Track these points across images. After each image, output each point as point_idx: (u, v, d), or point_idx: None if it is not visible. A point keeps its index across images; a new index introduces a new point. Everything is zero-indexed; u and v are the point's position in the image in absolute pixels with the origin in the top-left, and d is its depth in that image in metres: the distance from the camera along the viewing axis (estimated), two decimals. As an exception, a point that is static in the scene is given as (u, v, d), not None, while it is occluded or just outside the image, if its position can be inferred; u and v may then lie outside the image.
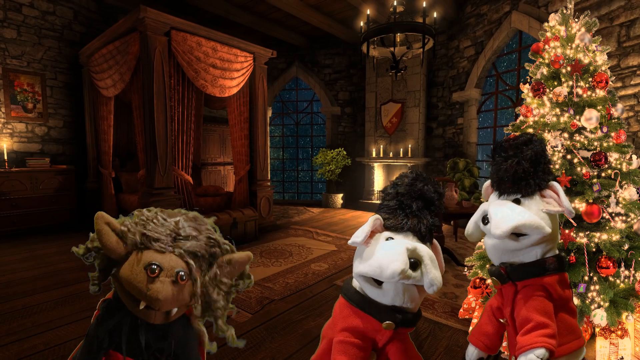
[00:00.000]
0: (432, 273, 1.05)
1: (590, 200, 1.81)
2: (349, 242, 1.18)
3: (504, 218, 1.24)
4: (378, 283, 1.12)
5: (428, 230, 1.15)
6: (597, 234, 1.81)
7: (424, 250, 1.08)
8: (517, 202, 1.32)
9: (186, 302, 1.07)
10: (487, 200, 1.54)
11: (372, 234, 1.20)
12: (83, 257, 1.08)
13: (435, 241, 1.23)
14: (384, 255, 1.07)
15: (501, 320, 1.39)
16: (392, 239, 1.14)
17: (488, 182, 1.55)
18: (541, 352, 1.16)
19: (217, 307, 1.10)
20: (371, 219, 1.18)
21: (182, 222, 1.07)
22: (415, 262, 1.05)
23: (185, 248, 1.02)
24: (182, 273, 0.99)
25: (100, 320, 1.05)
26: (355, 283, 1.22)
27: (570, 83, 1.94)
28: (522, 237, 1.29)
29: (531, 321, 1.23)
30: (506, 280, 1.33)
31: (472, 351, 1.45)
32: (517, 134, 2.12)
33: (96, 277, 1.11)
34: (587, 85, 1.92)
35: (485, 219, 1.33)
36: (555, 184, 1.34)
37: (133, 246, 1.00)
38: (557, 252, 1.37)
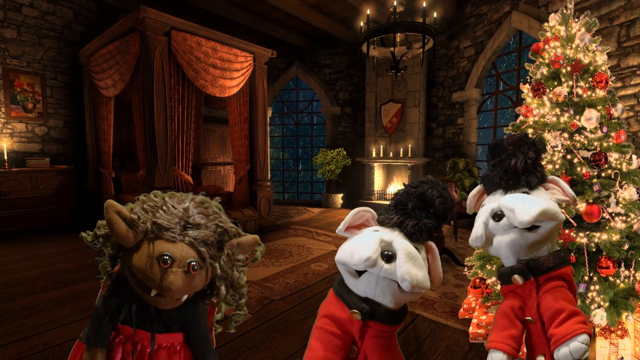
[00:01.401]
0: (404, 267, 1.02)
1: (590, 200, 1.81)
2: (336, 230, 1.22)
3: (529, 204, 1.24)
4: (359, 274, 1.12)
5: (417, 230, 1.12)
6: (597, 234, 1.81)
7: (401, 245, 1.06)
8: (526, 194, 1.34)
9: (198, 289, 1.08)
10: (475, 210, 1.52)
11: (362, 226, 1.22)
12: (91, 244, 1.09)
13: (432, 244, 1.19)
14: (357, 243, 1.09)
15: (527, 319, 1.35)
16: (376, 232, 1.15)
17: (476, 189, 1.54)
18: (584, 337, 1.16)
19: (240, 285, 1.14)
20: (353, 211, 1.20)
21: (192, 209, 1.07)
22: (391, 255, 1.05)
23: (195, 237, 1.02)
24: (194, 263, 1.00)
25: (109, 293, 1.07)
26: None
27: (570, 83, 1.94)
28: (535, 228, 1.29)
29: (564, 311, 1.23)
30: (529, 277, 1.33)
31: (500, 357, 1.34)
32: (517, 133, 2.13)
33: (108, 265, 1.11)
34: (587, 85, 1.92)
35: (496, 216, 1.32)
36: (554, 177, 1.39)
37: (144, 234, 1.00)
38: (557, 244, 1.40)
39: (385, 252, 1.05)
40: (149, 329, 1.07)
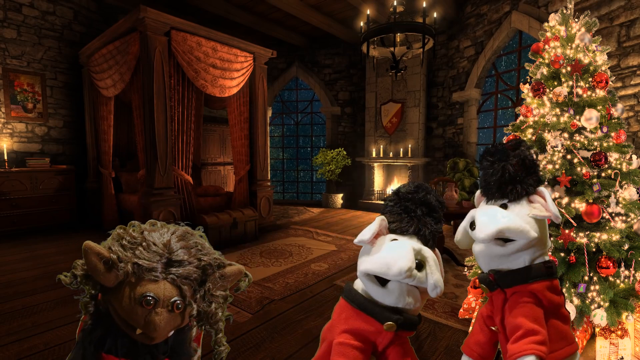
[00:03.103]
0: (436, 275, 1.06)
1: (590, 200, 1.81)
2: (355, 241, 1.19)
3: (488, 222, 1.24)
4: (382, 283, 1.11)
5: (432, 236, 1.17)
6: (597, 234, 1.81)
7: (428, 252, 1.10)
8: (504, 207, 1.32)
9: (181, 326, 1.06)
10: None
11: (377, 235, 1.20)
12: (70, 285, 1.05)
13: (436, 250, 1.23)
14: (390, 253, 1.08)
15: (492, 329, 1.37)
16: (397, 240, 1.16)
17: (478, 191, 1.56)
18: (531, 359, 1.14)
19: (216, 320, 1.10)
20: (378, 219, 1.19)
21: (173, 243, 1.04)
22: (420, 263, 1.07)
23: (178, 274, 1.00)
24: (178, 302, 0.99)
25: (91, 327, 1.04)
26: (358, 285, 1.21)
27: (570, 83, 1.94)
28: (509, 242, 1.27)
29: (521, 328, 1.21)
30: (494, 288, 1.32)
31: None
32: (517, 134, 2.13)
33: (89, 303, 1.08)
34: (587, 85, 1.92)
35: (472, 225, 1.32)
36: (543, 189, 1.33)
37: (125, 275, 0.98)
38: (547, 258, 1.34)
39: (417, 260, 1.08)
40: (134, 358, 1.04)
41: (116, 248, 1.00)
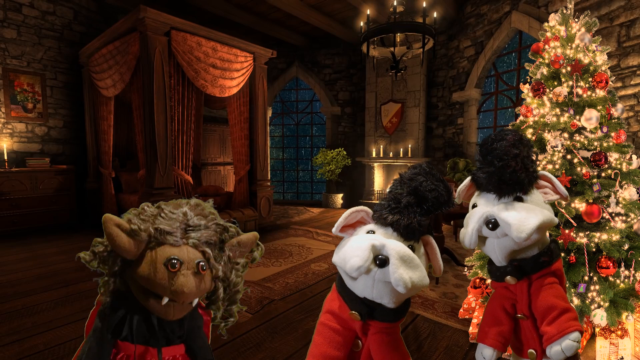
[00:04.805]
0: (397, 273, 1.00)
1: (590, 200, 1.81)
2: (332, 231, 1.22)
3: (524, 220, 1.22)
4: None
5: (410, 229, 1.10)
6: (597, 234, 1.81)
7: (393, 249, 1.04)
8: (519, 199, 1.31)
9: (207, 291, 1.07)
10: (466, 200, 1.54)
11: (358, 223, 1.22)
12: (89, 264, 1.04)
13: (429, 238, 1.18)
14: (349, 248, 1.08)
15: (518, 316, 1.36)
16: (373, 232, 1.13)
17: (466, 182, 1.51)
18: (576, 335, 1.17)
19: (237, 290, 1.15)
20: (348, 211, 1.20)
21: (189, 212, 1.07)
22: (384, 259, 1.03)
23: (199, 238, 1.03)
24: (202, 263, 1.01)
25: (110, 309, 1.04)
26: None
27: (570, 83, 1.94)
28: None
29: (555, 308, 1.24)
30: (522, 277, 1.32)
31: (491, 354, 1.37)
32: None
33: (109, 282, 1.06)
34: (587, 85, 1.92)
35: (489, 223, 1.28)
36: (546, 173, 1.37)
37: (147, 243, 0.99)
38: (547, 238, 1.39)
39: (379, 257, 1.03)
40: (151, 343, 1.05)
41: (135, 220, 1.01)
